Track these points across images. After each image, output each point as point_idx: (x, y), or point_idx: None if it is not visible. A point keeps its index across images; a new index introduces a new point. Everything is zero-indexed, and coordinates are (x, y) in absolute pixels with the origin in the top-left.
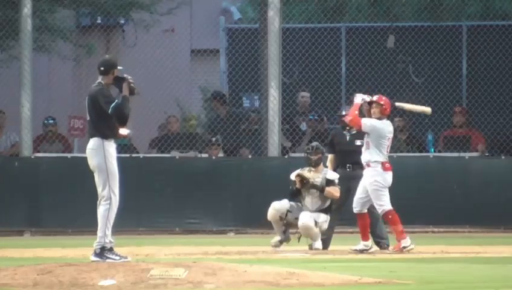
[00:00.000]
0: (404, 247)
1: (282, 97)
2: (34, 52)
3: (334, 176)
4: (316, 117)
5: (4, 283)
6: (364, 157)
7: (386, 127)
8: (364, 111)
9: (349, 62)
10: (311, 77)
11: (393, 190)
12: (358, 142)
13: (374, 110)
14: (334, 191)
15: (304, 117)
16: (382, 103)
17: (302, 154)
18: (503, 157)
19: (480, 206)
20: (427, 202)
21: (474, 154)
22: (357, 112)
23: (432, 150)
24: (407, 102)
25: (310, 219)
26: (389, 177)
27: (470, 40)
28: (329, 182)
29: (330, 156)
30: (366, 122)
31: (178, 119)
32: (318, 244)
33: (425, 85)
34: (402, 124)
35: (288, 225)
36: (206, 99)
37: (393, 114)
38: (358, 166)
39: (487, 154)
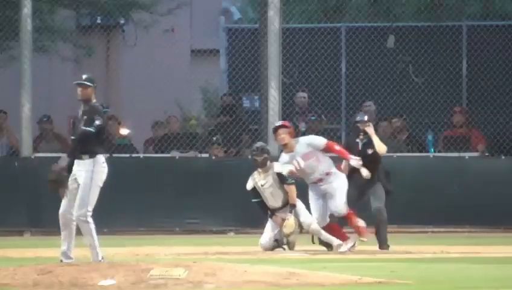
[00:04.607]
0: None
1: (282, 97)
2: (34, 52)
3: (281, 167)
4: (316, 118)
5: (4, 283)
6: (322, 170)
7: (304, 146)
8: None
9: (349, 62)
10: (311, 77)
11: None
12: (370, 151)
13: (283, 136)
14: (292, 193)
15: (303, 117)
16: (288, 128)
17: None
18: (503, 157)
19: (480, 206)
20: (427, 202)
21: (474, 154)
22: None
23: (432, 150)
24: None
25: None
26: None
27: (470, 40)
28: (280, 176)
29: (344, 163)
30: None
31: (178, 119)
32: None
33: (425, 85)
34: (402, 124)
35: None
36: (205, 99)
37: (392, 114)
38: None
39: (487, 154)
